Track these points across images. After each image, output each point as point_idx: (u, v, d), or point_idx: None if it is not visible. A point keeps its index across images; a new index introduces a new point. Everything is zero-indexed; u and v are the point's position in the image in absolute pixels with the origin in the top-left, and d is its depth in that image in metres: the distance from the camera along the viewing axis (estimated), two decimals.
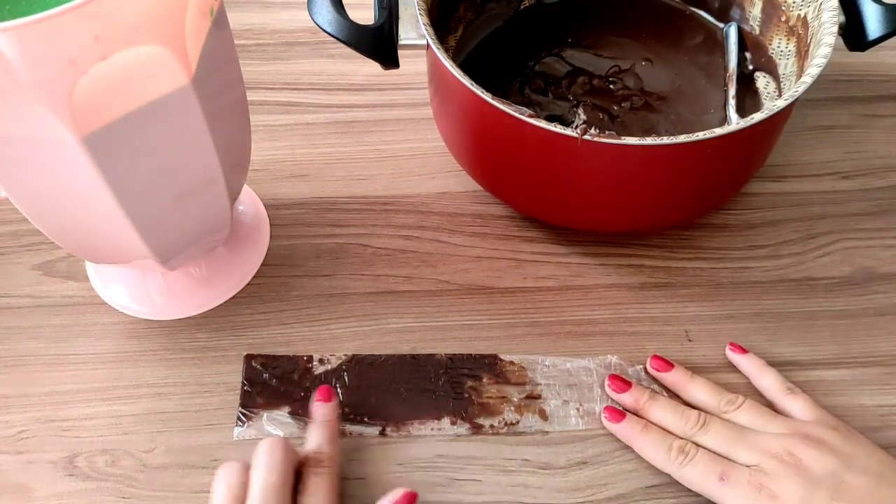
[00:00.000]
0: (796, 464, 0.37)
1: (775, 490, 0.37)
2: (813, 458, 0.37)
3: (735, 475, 0.38)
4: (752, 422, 0.40)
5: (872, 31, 0.46)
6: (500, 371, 0.45)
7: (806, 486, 0.36)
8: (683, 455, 0.39)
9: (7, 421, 0.43)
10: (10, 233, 0.51)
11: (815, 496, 0.36)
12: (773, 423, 0.40)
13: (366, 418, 0.43)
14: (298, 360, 0.45)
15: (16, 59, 0.28)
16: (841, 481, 0.36)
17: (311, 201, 0.53)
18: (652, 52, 0.57)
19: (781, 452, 0.38)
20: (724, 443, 0.39)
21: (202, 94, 0.35)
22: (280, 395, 0.44)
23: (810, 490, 0.36)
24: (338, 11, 0.45)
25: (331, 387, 0.43)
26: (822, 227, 0.52)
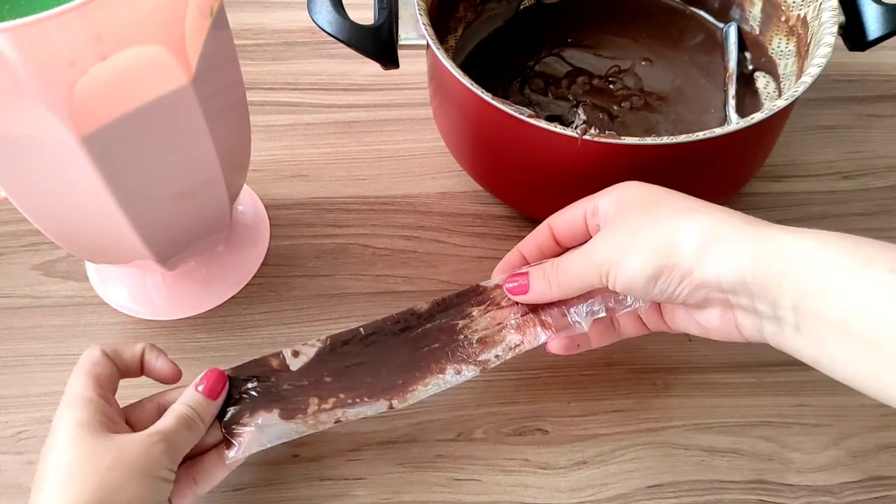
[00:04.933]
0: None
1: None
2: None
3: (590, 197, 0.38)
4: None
5: (872, 31, 0.46)
6: (488, 299, 0.42)
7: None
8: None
9: (7, 421, 0.43)
10: (10, 233, 0.51)
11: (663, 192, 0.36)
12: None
13: (365, 398, 0.39)
14: (268, 361, 0.40)
15: (16, 59, 0.28)
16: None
17: (311, 201, 0.53)
18: (652, 52, 0.57)
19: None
20: None
21: (202, 94, 0.35)
22: (263, 404, 0.39)
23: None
24: (338, 11, 0.45)
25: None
26: (822, 226, 0.50)
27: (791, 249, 0.31)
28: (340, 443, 0.42)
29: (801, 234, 0.31)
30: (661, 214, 0.35)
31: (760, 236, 0.32)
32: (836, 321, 0.29)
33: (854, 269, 0.29)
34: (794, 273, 0.30)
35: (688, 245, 0.33)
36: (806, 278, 0.30)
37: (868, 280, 0.28)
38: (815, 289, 0.30)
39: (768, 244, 0.31)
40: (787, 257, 0.31)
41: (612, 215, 0.36)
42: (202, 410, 0.38)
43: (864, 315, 0.28)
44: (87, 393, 0.36)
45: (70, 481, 0.33)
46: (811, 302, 0.30)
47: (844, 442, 0.43)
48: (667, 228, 0.34)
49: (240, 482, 0.41)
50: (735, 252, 0.32)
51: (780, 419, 0.43)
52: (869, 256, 0.29)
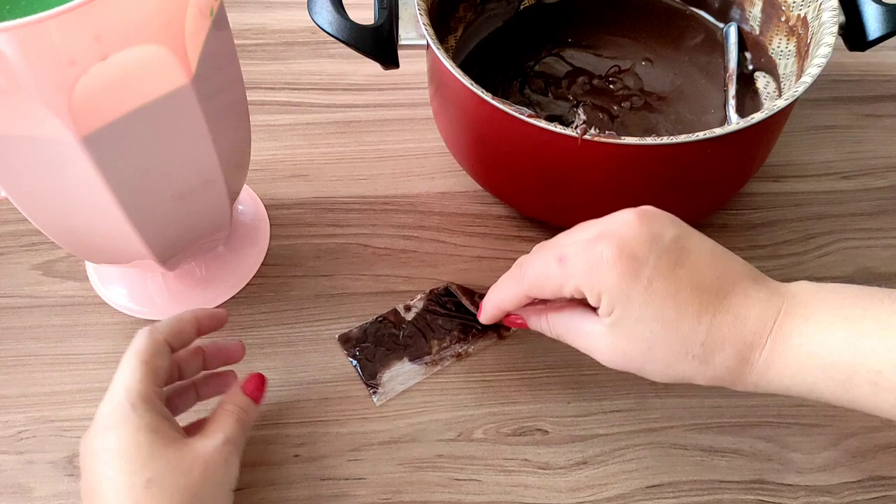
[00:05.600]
0: (643, 225, 0.34)
1: (621, 243, 0.33)
2: (659, 221, 0.34)
3: (573, 250, 0.34)
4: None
5: (872, 31, 0.46)
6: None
7: (650, 241, 0.33)
8: (519, 267, 0.37)
9: (7, 421, 0.43)
10: (10, 233, 0.51)
11: (658, 258, 0.33)
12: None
13: (475, 330, 0.46)
14: (386, 317, 0.47)
15: (16, 59, 0.28)
16: (683, 245, 0.34)
17: (311, 201, 0.53)
18: (652, 52, 0.57)
19: (627, 217, 0.34)
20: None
21: (202, 94, 0.35)
22: (393, 354, 0.45)
23: (653, 248, 0.33)
24: (338, 11, 0.45)
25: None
26: (821, 227, 0.52)
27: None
28: (340, 443, 0.43)
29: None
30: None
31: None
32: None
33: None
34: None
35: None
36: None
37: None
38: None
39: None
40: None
41: (618, 316, 0.34)
42: (251, 413, 0.38)
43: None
44: (148, 390, 0.35)
45: (168, 494, 0.32)
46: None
47: (844, 442, 0.43)
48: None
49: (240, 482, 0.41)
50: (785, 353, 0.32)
51: (780, 419, 0.43)
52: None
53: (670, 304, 0.33)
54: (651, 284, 0.33)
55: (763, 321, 0.32)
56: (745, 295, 0.33)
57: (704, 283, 0.33)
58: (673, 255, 0.33)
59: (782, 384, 0.33)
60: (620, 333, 0.34)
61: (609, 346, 0.34)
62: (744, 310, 0.33)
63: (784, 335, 0.32)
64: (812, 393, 0.32)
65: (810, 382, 0.32)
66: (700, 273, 0.33)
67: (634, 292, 0.33)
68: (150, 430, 0.33)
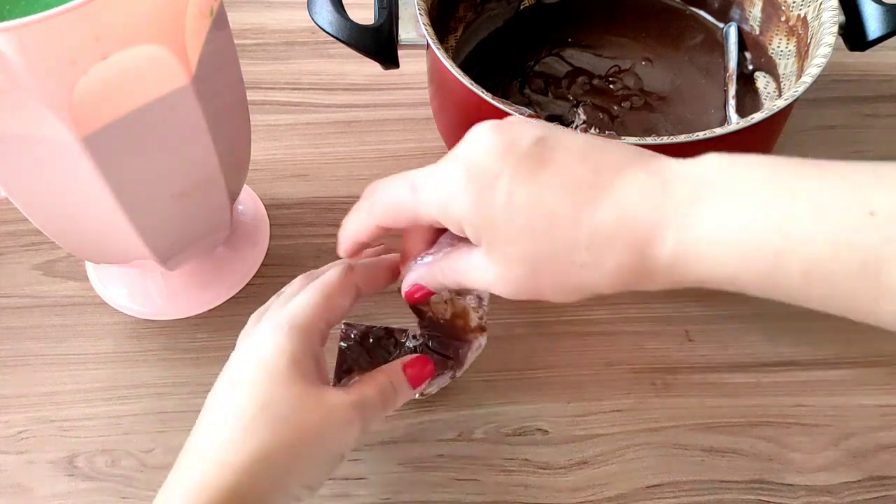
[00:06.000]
0: (496, 134, 0.29)
1: (469, 159, 0.29)
2: (517, 127, 0.30)
3: (424, 175, 0.31)
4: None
5: (872, 31, 0.46)
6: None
7: (503, 151, 0.29)
8: (366, 199, 0.34)
9: (7, 421, 0.43)
10: (10, 233, 0.51)
11: (516, 166, 0.28)
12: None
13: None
14: (393, 333, 0.41)
15: (16, 59, 0.28)
16: (546, 146, 0.29)
17: (311, 201, 0.53)
18: (652, 52, 0.57)
19: (479, 130, 0.30)
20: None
21: (202, 94, 0.35)
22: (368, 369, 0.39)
23: (508, 157, 0.29)
24: (338, 11, 0.45)
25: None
26: None
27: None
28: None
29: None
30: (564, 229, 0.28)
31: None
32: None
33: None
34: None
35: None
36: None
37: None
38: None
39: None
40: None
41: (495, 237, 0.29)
42: (402, 393, 0.36)
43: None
44: (313, 323, 0.34)
45: (276, 424, 0.31)
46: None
47: (844, 442, 0.43)
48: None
49: None
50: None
51: (780, 419, 0.43)
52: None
53: (539, 214, 0.28)
54: (511, 197, 0.28)
55: (660, 209, 0.27)
56: (633, 182, 0.28)
57: (576, 179, 0.28)
58: (533, 158, 0.28)
59: (697, 278, 0.28)
60: (499, 260, 0.30)
61: (496, 276, 0.30)
62: (632, 199, 0.28)
63: (691, 223, 0.27)
64: (733, 285, 0.28)
65: (730, 274, 0.27)
66: (570, 169, 0.28)
67: (495, 212, 0.28)
68: (292, 358, 0.32)
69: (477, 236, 0.29)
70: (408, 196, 0.31)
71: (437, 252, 0.35)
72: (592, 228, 0.28)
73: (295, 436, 0.31)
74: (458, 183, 0.29)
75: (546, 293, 0.30)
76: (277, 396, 0.32)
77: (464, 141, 0.30)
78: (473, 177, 0.28)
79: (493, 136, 0.29)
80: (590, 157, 0.29)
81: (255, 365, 0.33)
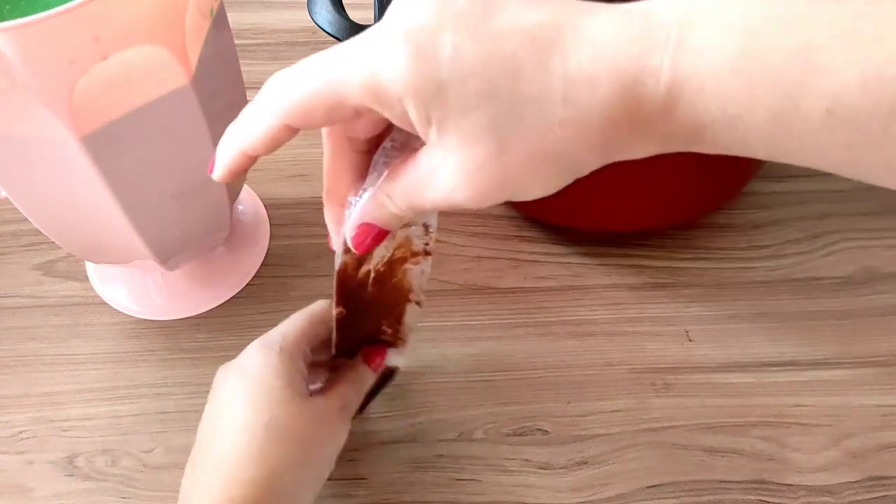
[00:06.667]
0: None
1: (403, 19, 0.23)
2: None
3: (346, 48, 0.24)
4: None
5: None
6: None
7: (446, 5, 0.23)
8: (283, 87, 0.27)
9: (7, 421, 0.43)
10: (10, 233, 0.51)
11: (456, 17, 0.22)
12: None
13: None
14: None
15: (16, 59, 0.28)
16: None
17: (311, 201, 0.53)
18: None
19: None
20: None
21: (202, 94, 0.35)
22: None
23: (454, 8, 0.22)
24: (338, 11, 0.45)
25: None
26: (825, 226, 0.51)
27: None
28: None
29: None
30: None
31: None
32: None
33: None
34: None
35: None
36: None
37: None
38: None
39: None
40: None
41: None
42: (367, 380, 0.39)
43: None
44: (300, 346, 0.36)
45: (282, 441, 0.33)
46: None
47: (844, 442, 0.43)
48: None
49: None
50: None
51: (780, 419, 0.43)
52: None
53: (497, 68, 0.22)
54: (459, 54, 0.22)
55: (646, 41, 0.22)
56: (606, 19, 0.22)
57: (535, 23, 0.22)
58: (477, 6, 0.22)
59: (696, 121, 0.22)
60: (455, 144, 0.23)
61: (456, 169, 0.23)
62: (609, 36, 0.22)
63: (687, 52, 0.22)
64: (737, 132, 0.22)
65: (734, 115, 0.22)
66: (523, 12, 0.22)
67: (441, 72, 0.22)
68: (285, 378, 0.34)
69: (423, 116, 0.23)
70: (323, 77, 0.24)
71: (375, 178, 0.28)
72: (566, 74, 0.22)
73: (299, 448, 0.34)
74: (390, 45, 0.22)
75: (521, 180, 0.24)
76: (278, 414, 0.34)
77: (388, 10, 0.23)
78: (408, 34, 0.22)
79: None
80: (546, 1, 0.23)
81: (253, 387, 0.34)
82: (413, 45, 0.22)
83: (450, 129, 0.23)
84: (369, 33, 0.23)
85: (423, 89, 0.22)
